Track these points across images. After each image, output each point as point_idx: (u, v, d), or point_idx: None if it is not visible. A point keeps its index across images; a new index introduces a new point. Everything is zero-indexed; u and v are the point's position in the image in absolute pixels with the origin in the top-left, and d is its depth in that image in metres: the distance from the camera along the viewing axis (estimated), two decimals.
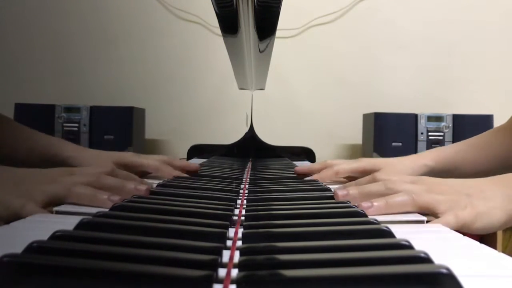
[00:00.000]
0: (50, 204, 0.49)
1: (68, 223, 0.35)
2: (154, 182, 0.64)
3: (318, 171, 0.80)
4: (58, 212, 0.47)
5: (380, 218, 0.45)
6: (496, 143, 0.82)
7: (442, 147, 0.87)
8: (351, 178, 0.77)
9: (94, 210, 0.42)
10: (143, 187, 0.54)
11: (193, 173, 0.80)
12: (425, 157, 0.81)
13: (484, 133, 0.86)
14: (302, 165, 0.92)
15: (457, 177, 0.82)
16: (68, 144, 0.83)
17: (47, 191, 0.49)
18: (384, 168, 0.76)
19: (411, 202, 0.49)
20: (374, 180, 0.60)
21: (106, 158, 0.78)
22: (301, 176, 0.82)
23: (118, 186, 0.54)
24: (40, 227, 0.38)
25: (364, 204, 0.49)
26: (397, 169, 0.76)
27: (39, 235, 0.30)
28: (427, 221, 0.48)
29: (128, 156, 0.80)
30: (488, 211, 0.49)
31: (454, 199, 0.50)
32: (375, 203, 0.49)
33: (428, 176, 0.80)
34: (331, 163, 0.80)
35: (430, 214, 0.50)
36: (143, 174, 0.80)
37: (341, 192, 0.55)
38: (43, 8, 2.16)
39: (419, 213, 0.51)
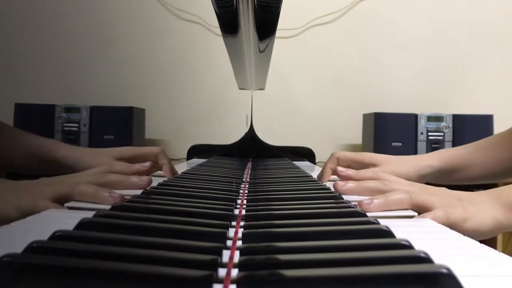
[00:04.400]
0: (58, 202, 0.51)
1: (68, 223, 0.35)
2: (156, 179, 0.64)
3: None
4: (70, 208, 0.49)
5: (375, 214, 0.47)
6: (501, 147, 0.82)
7: (447, 149, 0.88)
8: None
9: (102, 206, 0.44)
10: (144, 178, 0.59)
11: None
12: (430, 158, 0.81)
13: (489, 137, 0.87)
14: (302, 165, 0.93)
15: (462, 179, 0.83)
16: (63, 145, 0.85)
17: (53, 189, 0.51)
18: (384, 164, 0.78)
19: (408, 200, 0.52)
20: (375, 177, 0.62)
21: (105, 155, 0.80)
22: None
23: (121, 181, 0.58)
24: (40, 227, 0.38)
25: (365, 201, 0.51)
26: (398, 168, 0.77)
27: (39, 235, 0.30)
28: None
29: (128, 150, 0.83)
30: (478, 215, 0.52)
31: (447, 200, 0.52)
32: (375, 200, 0.51)
33: (432, 177, 0.81)
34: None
35: (424, 212, 0.52)
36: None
37: (340, 183, 0.59)
38: (43, 8, 2.16)
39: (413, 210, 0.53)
